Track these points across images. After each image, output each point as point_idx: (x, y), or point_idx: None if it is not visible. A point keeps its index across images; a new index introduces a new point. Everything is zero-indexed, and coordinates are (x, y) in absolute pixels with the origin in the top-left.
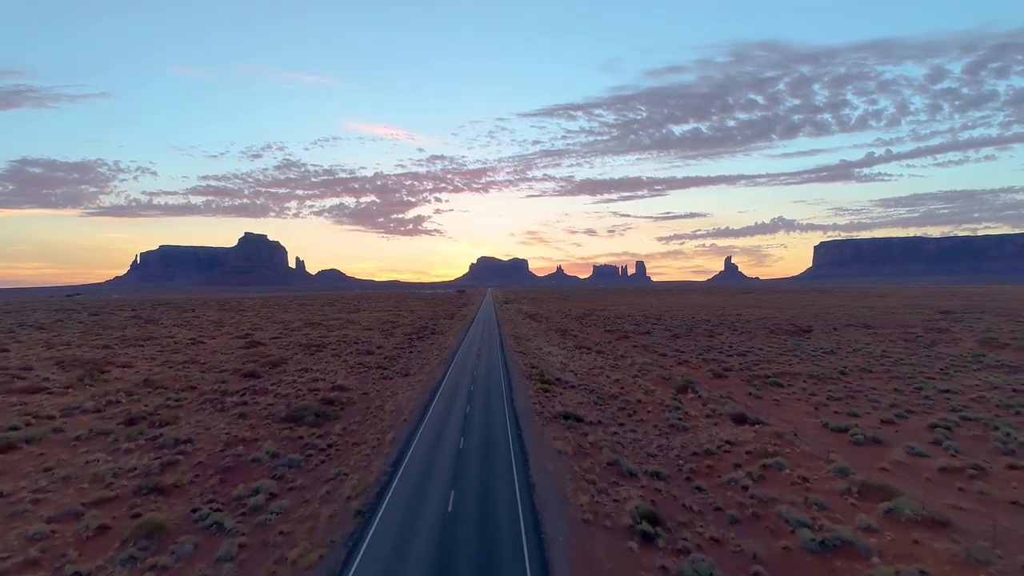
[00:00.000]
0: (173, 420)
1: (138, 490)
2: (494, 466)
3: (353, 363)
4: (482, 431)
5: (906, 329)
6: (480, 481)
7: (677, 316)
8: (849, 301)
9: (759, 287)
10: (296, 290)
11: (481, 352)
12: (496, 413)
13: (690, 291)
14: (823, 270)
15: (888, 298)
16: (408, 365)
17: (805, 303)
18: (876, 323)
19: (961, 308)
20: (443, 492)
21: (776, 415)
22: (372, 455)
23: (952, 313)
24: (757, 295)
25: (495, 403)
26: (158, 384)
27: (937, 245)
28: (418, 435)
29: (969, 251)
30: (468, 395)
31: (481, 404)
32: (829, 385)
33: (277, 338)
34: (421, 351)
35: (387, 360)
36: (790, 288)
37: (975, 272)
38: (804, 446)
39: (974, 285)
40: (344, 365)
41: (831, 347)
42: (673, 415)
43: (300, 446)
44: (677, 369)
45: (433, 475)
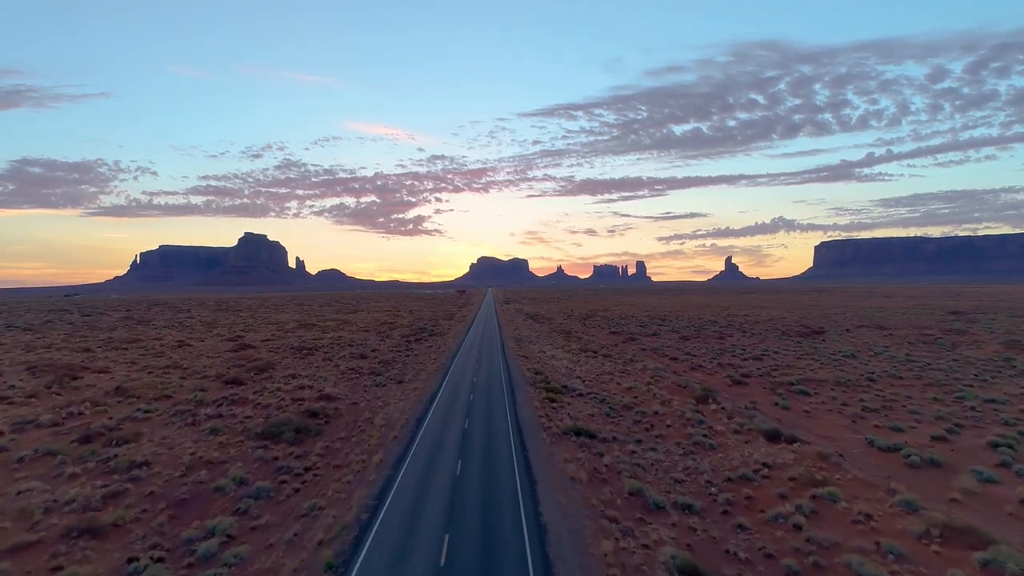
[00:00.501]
0: (135, 437)
1: (67, 532)
2: (497, 500)
3: (345, 368)
4: (483, 452)
5: (921, 330)
6: (481, 520)
7: (682, 317)
8: (854, 301)
9: (760, 287)
10: (296, 290)
11: (481, 355)
12: (498, 428)
13: (691, 291)
14: (824, 270)
15: (893, 298)
16: (403, 370)
17: (810, 303)
18: (889, 324)
19: (971, 308)
20: (436, 537)
21: (811, 429)
22: (354, 483)
23: (964, 314)
24: (760, 295)
25: (497, 416)
26: (130, 393)
27: (938, 245)
28: (409, 456)
29: (970, 251)
30: (467, 405)
31: (481, 416)
32: (859, 393)
33: (268, 340)
34: (418, 354)
35: (381, 365)
36: (792, 288)
37: (976, 272)
38: (855, 470)
39: (976, 285)
40: (335, 371)
41: (850, 350)
42: (697, 430)
43: (273, 470)
44: (692, 375)
45: (424, 513)
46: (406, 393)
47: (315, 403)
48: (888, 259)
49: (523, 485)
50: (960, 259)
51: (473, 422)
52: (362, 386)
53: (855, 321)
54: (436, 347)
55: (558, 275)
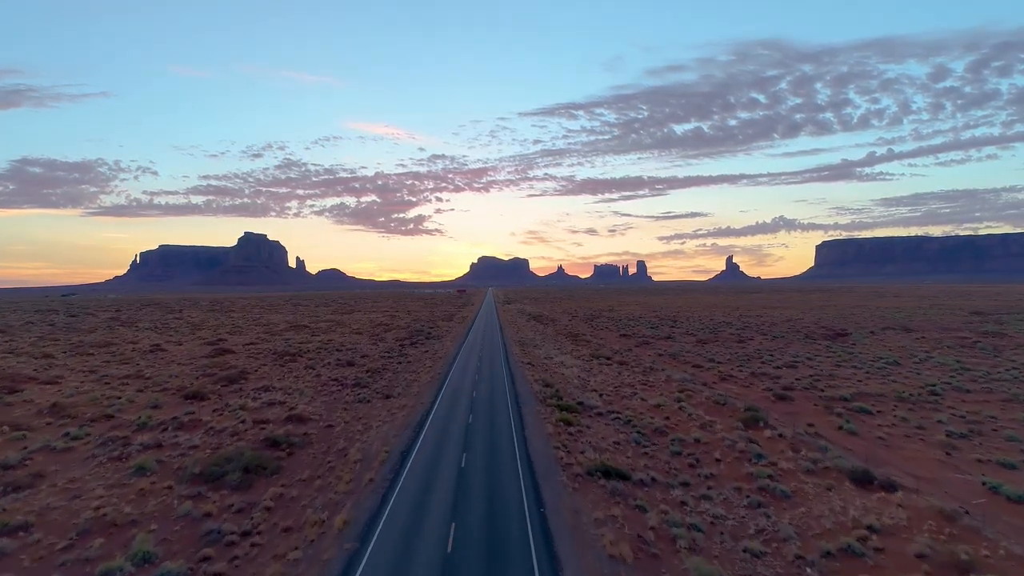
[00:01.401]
0: (35, 480)
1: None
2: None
3: (327, 378)
4: (485, 505)
5: (951, 332)
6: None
7: (693, 318)
8: (864, 301)
9: (763, 287)
10: (295, 290)
11: (482, 363)
12: (504, 467)
13: (694, 291)
14: (825, 270)
15: (904, 298)
16: (393, 381)
17: (819, 303)
18: (914, 325)
19: (991, 309)
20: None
21: (899, 465)
22: (304, 562)
23: (987, 314)
24: (766, 295)
25: (502, 447)
26: (66, 412)
27: (940, 244)
28: (386, 514)
29: (972, 250)
30: (465, 431)
31: (483, 448)
32: (930, 412)
33: (252, 344)
34: (412, 361)
35: (369, 374)
36: (795, 288)
37: (978, 271)
38: (1004, 539)
39: (982, 285)
40: (315, 382)
41: (892, 356)
42: (758, 468)
43: (196, 536)
44: (725, 388)
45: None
46: (393, 412)
47: (281, 427)
48: (890, 259)
49: (543, 570)
50: (962, 259)
51: (472, 459)
52: (342, 402)
53: (877, 322)
54: (432, 352)
55: (559, 275)
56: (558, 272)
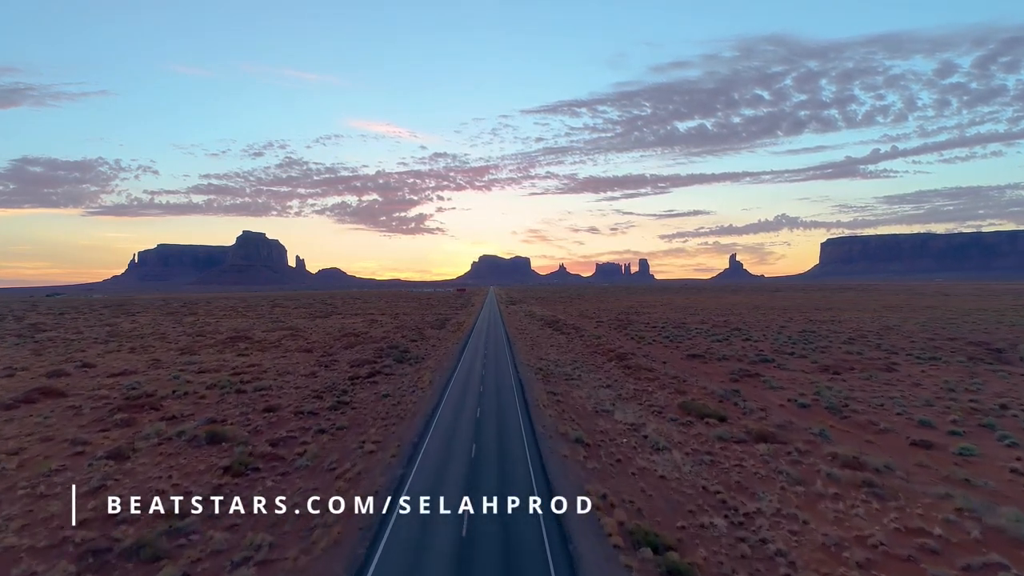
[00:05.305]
0: None
1: None
2: None
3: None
4: None
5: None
6: None
7: (758, 324)
8: (905, 300)
9: (769, 285)
10: (293, 289)
11: (484, 421)
12: None
13: (704, 289)
14: (830, 267)
15: (951, 297)
16: (289, 496)
17: (852, 302)
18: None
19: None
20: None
21: None
22: None
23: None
24: (786, 293)
25: None
26: None
27: (946, 242)
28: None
29: (979, 248)
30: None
31: None
32: None
33: (117, 375)
34: (359, 414)
35: (267, 461)
36: (804, 286)
37: (985, 269)
38: None
39: (989, 283)
40: None
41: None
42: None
43: None
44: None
45: None
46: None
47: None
48: (896, 256)
49: None
50: (970, 256)
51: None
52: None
53: (999, 333)
54: (403, 389)
55: (560, 273)
56: (560, 271)
